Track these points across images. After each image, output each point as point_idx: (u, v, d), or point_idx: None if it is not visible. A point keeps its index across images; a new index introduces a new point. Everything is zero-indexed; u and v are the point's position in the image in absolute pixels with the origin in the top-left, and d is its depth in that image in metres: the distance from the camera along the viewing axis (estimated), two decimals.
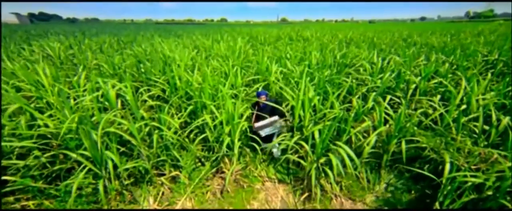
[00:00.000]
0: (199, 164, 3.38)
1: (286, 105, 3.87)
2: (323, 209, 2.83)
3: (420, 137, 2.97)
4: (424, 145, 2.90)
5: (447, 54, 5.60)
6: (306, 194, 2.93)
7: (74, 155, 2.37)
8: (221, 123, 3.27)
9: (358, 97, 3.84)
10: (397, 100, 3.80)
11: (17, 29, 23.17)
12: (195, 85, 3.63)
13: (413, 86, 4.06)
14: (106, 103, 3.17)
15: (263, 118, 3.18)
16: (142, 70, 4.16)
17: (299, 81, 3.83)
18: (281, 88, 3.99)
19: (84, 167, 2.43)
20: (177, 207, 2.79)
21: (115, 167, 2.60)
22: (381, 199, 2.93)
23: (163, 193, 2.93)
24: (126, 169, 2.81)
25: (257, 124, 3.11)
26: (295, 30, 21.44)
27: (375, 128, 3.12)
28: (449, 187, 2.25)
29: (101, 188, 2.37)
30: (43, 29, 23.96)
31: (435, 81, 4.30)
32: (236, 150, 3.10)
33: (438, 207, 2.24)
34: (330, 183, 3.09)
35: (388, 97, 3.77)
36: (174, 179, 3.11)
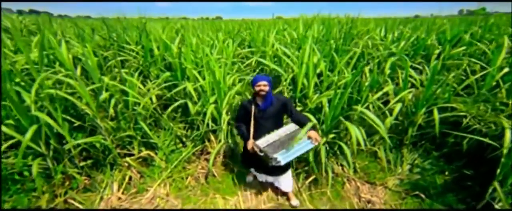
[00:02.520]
0: (180, 144, 2.75)
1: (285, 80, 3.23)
2: (325, 209, 2.23)
3: (457, 104, 2.35)
4: (462, 113, 2.28)
5: (466, 26, 4.96)
6: (313, 177, 2.32)
7: None
8: (205, 92, 2.63)
9: (371, 67, 3.20)
10: (419, 66, 3.17)
11: None
12: (174, 50, 2.98)
13: (437, 51, 3.42)
14: (61, 69, 2.51)
15: (265, 128, 1.83)
16: (114, 38, 3.50)
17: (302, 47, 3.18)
18: (277, 49, 3.33)
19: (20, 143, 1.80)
20: (148, 195, 2.17)
21: (65, 145, 1.97)
22: (407, 182, 2.33)
23: (130, 178, 2.30)
24: (83, 149, 2.18)
25: (262, 142, 1.68)
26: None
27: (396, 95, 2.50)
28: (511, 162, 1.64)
29: (34, 169, 1.74)
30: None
31: (459, 49, 3.67)
32: (224, 125, 2.48)
33: (498, 188, 1.64)
34: (341, 165, 2.48)
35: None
36: (146, 162, 2.48)
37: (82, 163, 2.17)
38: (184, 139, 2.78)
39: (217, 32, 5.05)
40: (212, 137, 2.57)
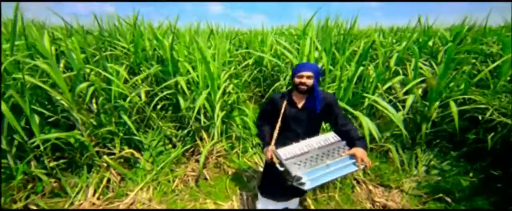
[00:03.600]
0: (169, 145, 2.48)
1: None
2: (325, 209, 1.93)
3: (475, 96, 2.13)
4: (482, 106, 2.05)
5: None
6: None
7: None
8: (197, 84, 2.42)
9: (376, 63, 3.03)
10: (426, 63, 3.00)
11: None
12: (166, 45, 2.80)
13: (442, 48, 3.27)
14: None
15: (294, 135, 1.37)
16: (106, 33, 3.35)
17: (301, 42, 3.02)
18: (276, 50, 3.16)
19: None
20: (127, 200, 1.86)
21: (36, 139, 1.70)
22: (425, 184, 2.04)
23: (109, 181, 2.00)
24: (57, 147, 1.91)
25: (284, 152, 1.22)
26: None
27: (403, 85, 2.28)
28: None
29: None
30: None
31: (464, 47, 3.53)
32: (218, 121, 2.23)
33: None
34: None
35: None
36: (128, 163, 2.20)
37: (52, 163, 1.89)
38: (173, 139, 2.51)
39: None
40: (205, 135, 2.30)
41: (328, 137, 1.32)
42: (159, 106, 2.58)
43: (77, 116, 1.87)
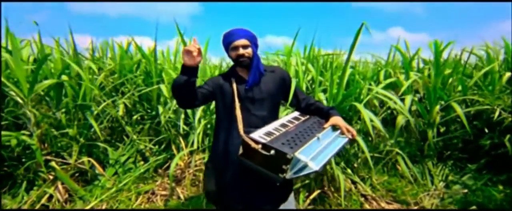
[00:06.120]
0: (141, 162, 2.10)
1: None
2: (326, 210, 1.51)
3: (477, 97, 1.98)
4: (486, 107, 1.88)
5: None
6: (316, 192, 1.64)
7: None
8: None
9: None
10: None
11: None
12: (151, 59, 2.72)
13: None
14: None
15: (257, 119, 1.06)
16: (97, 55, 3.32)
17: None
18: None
19: None
20: None
21: None
22: (451, 200, 1.65)
23: (51, 197, 1.56)
24: None
25: (260, 135, 0.90)
26: None
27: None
28: None
29: None
30: None
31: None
32: (199, 127, 1.91)
33: None
34: (352, 181, 1.82)
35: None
36: (83, 177, 1.79)
37: None
38: (147, 153, 2.14)
39: None
40: (183, 144, 1.97)
41: (296, 115, 1.12)
42: (135, 117, 2.32)
43: (30, 113, 1.59)
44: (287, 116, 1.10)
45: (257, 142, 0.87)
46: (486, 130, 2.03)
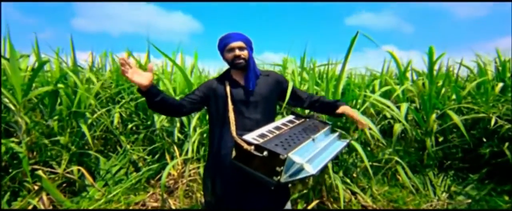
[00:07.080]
0: (134, 174, 2.02)
1: None
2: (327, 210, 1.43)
3: (471, 105, 1.99)
4: (482, 115, 1.88)
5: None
6: (315, 202, 1.57)
7: None
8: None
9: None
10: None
11: None
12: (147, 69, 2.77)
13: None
14: None
15: (251, 122, 1.03)
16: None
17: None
18: None
19: None
20: None
21: None
22: None
23: (35, 209, 1.48)
24: None
25: (253, 137, 0.89)
26: None
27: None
28: None
29: None
30: None
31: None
32: (194, 135, 1.87)
33: None
34: (351, 191, 1.76)
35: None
36: (71, 187, 1.71)
37: None
38: (140, 164, 2.08)
39: None
40: (177, 152, 1.92)
41: (291, 118, 1.10)
42: (130, 126, 2.28)
43: (22, 120, 1.57)
44: (282, 119, 1.09)
45: (249, 144, 0.85)
46: (484, 139, 2.02)
